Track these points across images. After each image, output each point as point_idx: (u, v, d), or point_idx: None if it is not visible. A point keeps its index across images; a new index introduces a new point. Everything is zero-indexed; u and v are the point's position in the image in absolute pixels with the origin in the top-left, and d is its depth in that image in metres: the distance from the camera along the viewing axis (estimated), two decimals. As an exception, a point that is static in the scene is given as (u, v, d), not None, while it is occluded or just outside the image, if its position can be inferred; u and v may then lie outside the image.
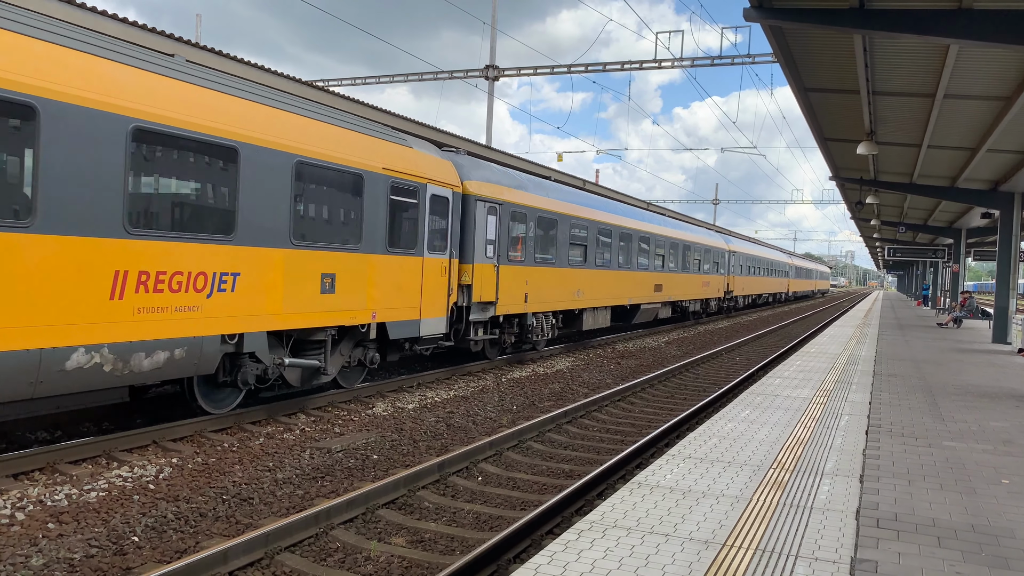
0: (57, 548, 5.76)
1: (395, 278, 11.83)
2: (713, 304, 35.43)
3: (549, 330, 18.06)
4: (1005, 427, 8.68)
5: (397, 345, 12.56)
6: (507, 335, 16.45)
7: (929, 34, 8.73)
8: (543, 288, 17.29)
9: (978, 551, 4.66)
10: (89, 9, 10.23)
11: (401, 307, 12.03)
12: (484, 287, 14.65)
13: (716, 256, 34.92)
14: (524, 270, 16.40)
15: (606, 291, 21.68)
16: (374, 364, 12.08)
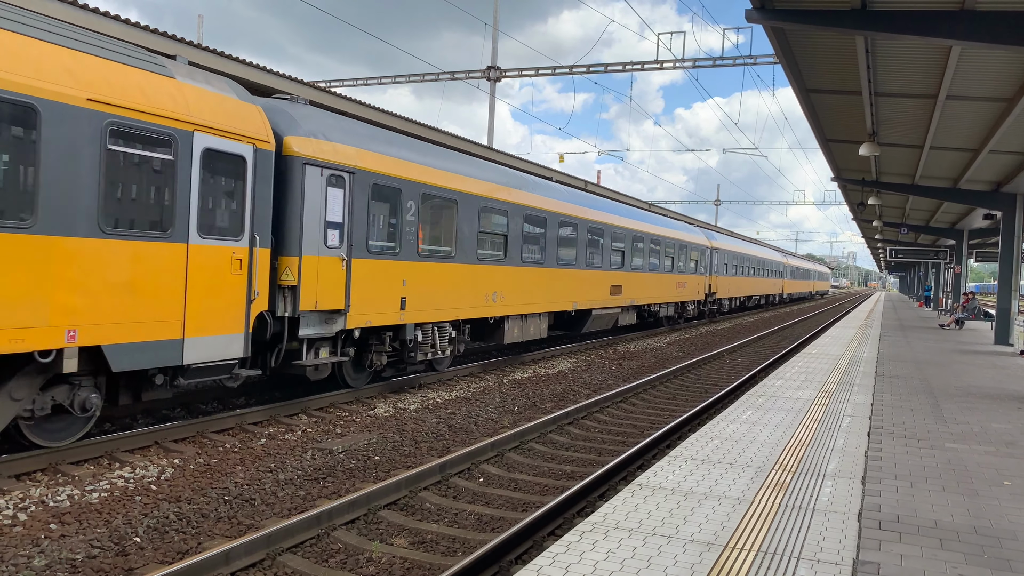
0: (59, 549, 5.77)
1: (124, 275, 7.82)
2: (691, 308, 31.16)
3: (448, 346, 13.99)
4: (1007, 429, 8.67)
5: (139, 381, 8.66)
6: (377, 355, 12.18)
7: (931, 35, 8.72)
8: (434, 290, 13.12)
9: (980, 553, 4.66)
10: (91, 10, 10.25)
11: (140, 320, 7.97)
12: (324, 289, 10.51)
13: (694, 253, 30.82)
14: (400, 266, 12.19)
15: (539, 294, 17.23)
16: (88, 411, 7.97)
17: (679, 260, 28.63)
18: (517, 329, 16.62)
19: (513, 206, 16.05)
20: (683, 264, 29.21)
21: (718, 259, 34.87)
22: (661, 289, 26.48)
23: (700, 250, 31.79)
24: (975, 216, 27.15)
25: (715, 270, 34.40)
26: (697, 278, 31.42)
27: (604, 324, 21.78)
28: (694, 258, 30.89)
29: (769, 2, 9.10)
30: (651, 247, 25.31)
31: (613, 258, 22.06)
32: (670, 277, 27.46)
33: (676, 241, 28.11)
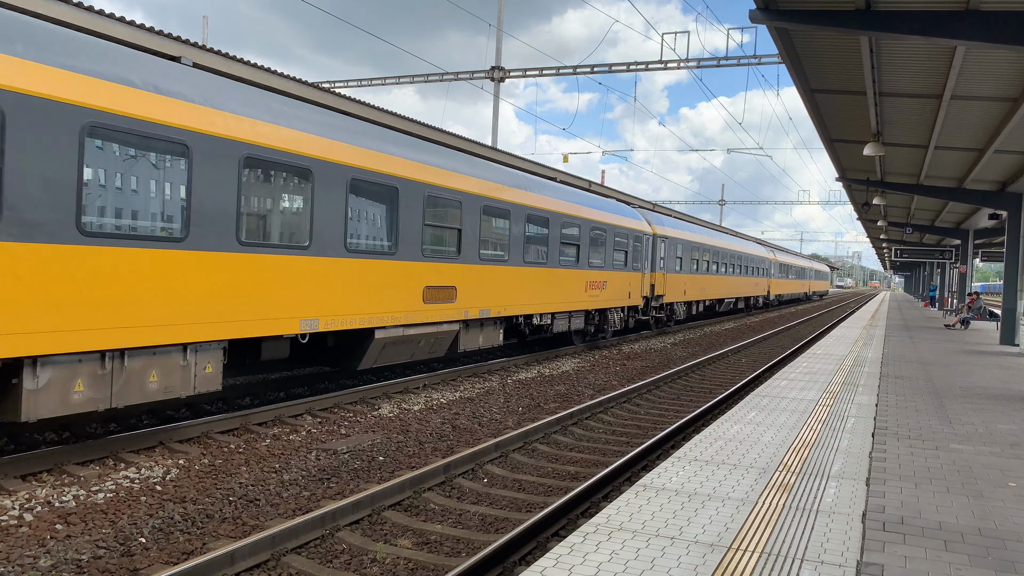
0: (65, 549, 5.79)
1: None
2: (616, 318, 22.08)
3: None
4: (1013, 430, 8.65)
5: None
6: None
7: (936, 35, 8.70)
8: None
9: (985, 555, 4.65)
10: (97, 12, 10.28)
11: None
12: None
13: (624, 242, 21.85)
14: None
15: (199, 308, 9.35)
16: None
17: (595, 252, 19.89)
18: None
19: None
20: (604, 258, 20.59)
21: (667, 251, 26.38)
22: (556, 292, 17.65)
23: (636, 237, 23.20)
24: (980, 216, 27.07)
25: (662, 265, 25.87)
26: (629, 275, 22.65)
27: (406, 356, 12.72)
28: (624, 249, 22.18)
29: (773, 2, 9.09)
30: (527, 228, 16.19)
31: (434, 241, 13.17)
32: (575, 274, 18.67)
33: (587, 222, 19.31)
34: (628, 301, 22.56)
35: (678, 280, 27.71)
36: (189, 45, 11.54)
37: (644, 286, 24.01)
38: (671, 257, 26.82)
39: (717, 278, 33.96)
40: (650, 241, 24.48)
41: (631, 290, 22.72)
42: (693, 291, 29.82)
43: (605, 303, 20.75)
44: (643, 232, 23.82)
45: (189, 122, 8.41)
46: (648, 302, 24.74)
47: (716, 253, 33.73)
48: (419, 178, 12.48)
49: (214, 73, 11.05)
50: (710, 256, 32.58)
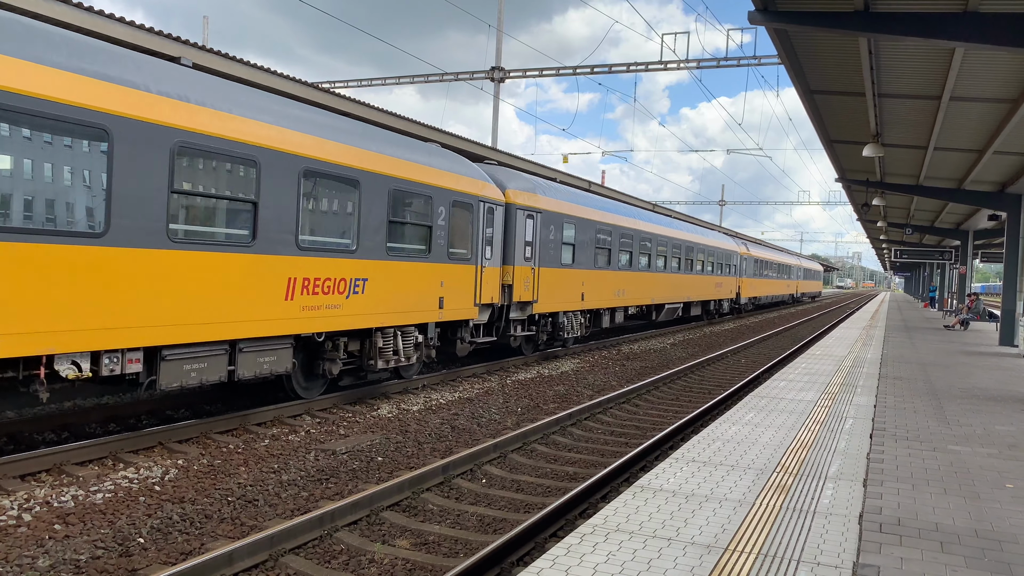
0: (63, 549, 5.80)
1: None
2: (401, 347, 12.45)
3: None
4: (1011, 431, 8.66)
5: None
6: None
7: (934, 37, 8.71)
8: None
9: (981, 556, 4.66)
10: (97, 12, 10.29)
11: None
12: None
13: (425, 209, 12.93)
14: None
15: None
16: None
17: (417, 235, 13.29)
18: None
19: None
20: (350, 233, 13.70)
21: (541, 232, 18.86)
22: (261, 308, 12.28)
23: (462, 203, 16.14)
24: (980, 217, 27.08)
25: (528, 255, 18.06)
26: (441, 270, 16.90)
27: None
28: (423, 221, 15.69)
29: (772, 4, 9.10)
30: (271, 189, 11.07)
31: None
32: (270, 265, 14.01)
33: (403, 186, 12.51)
34: (438, 313, 13.08)
35: (564, 279, 18.24)
36: (189, 45, 11.55)
37: (485, 286, 14.70)
38: (552, 243, 17.51)
39: (649, 276, 24.67)
40: (500, 213, 15.28)
41: (446, 294, 13.30)
42: (600, 294, 20.55)
43: (417, 314, 12.66)
44: (484, 199, 14.50)
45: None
46: (502, 312, 15.82)
47: (645, 241, 24.17)
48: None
49: (214, 73, 11.05)
50: (633, 244, 23.04)
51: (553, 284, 17.58)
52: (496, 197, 15.12)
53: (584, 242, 19.48)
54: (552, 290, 17.52)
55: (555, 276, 17.73)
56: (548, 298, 17.32)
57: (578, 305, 19.17)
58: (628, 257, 22.97)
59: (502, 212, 15.42)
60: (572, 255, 18.80)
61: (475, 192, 14.29)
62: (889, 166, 20.15)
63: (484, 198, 14.57)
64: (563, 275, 18.23)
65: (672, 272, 27.44)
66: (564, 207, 18.30)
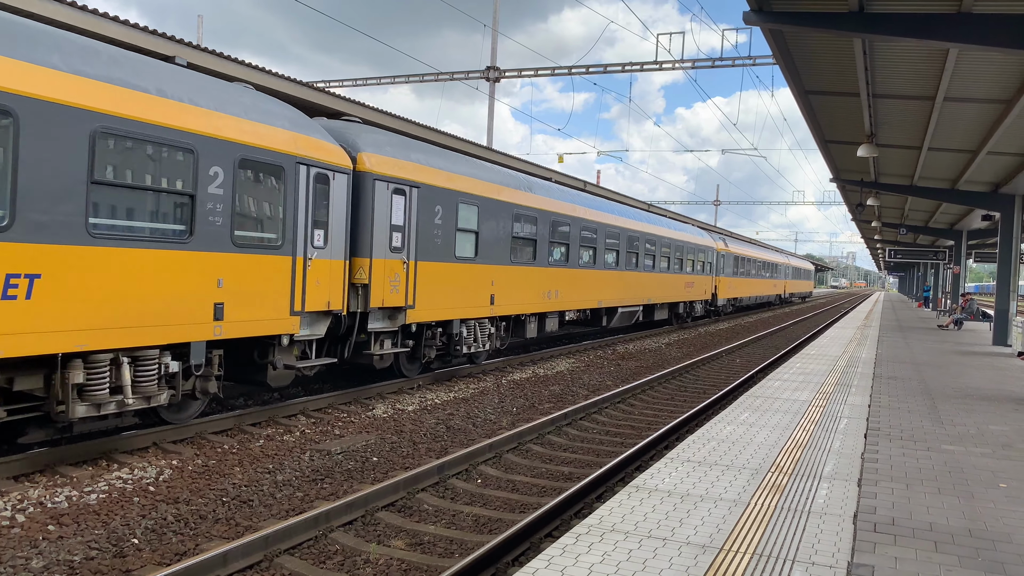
0: (57, 550, 5.78)
1: None
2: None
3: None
4: (1004, 431, 8.69)
5: None
6: None
7: (928, 38, 8.74)
8: None
9: (975, 556, 4.67)
10: (91, 11, 10.25)
11: None
12: None
13: (278, 184, 9.91)
14: None
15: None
16: None
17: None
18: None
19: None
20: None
21: (406, 211, 14.70)
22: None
23: (211, 152, 11.28)
24: (974, 217, 27.19)
25: (371, 244, 13.40)
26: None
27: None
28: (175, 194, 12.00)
29: (767, 4, 9.12)
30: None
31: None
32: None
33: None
34: (213, 328, 9.00)
35: (461, 278, 14.02)
36: (184, 45, 11.52)
37: (315, 287, 10.46)
38: (439, 229, 13.23)
39: (595, 275, 20.68)
40: (342, 184, 10.94)
41: (230, 298, 9.21)
42: (519, 296, 16.24)
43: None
44: (308, 160, 10.28)
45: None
46: (360, 322, 11.60)
47: (588, 232, 19.95)
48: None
49: (211, 73, 11.02)
50: (571, 235, 18.88)
51: (441, 284, 13.27)
52: (333, 160, 10.62)
53: (494, 230, 15.15)
54: (439, 292, 13.23)
55: (444, 273, 13.34)
56: (432, 302, 13.06)
57: (484, 311, 14.86)
58: (564, 251, 18.74)
59: (345, 183, 10.90)
60: (475, 246, 14.49)
61: (288, 149, 9.87)
62: (883, 166, 20.21)
63: (307, 159, 10.16)
64: (458, 272, 13.84)
65: (628, 270, 23.23)
66: (460, 182, 13.92)
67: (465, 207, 14.13)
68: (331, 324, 11.09)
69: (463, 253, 14.12)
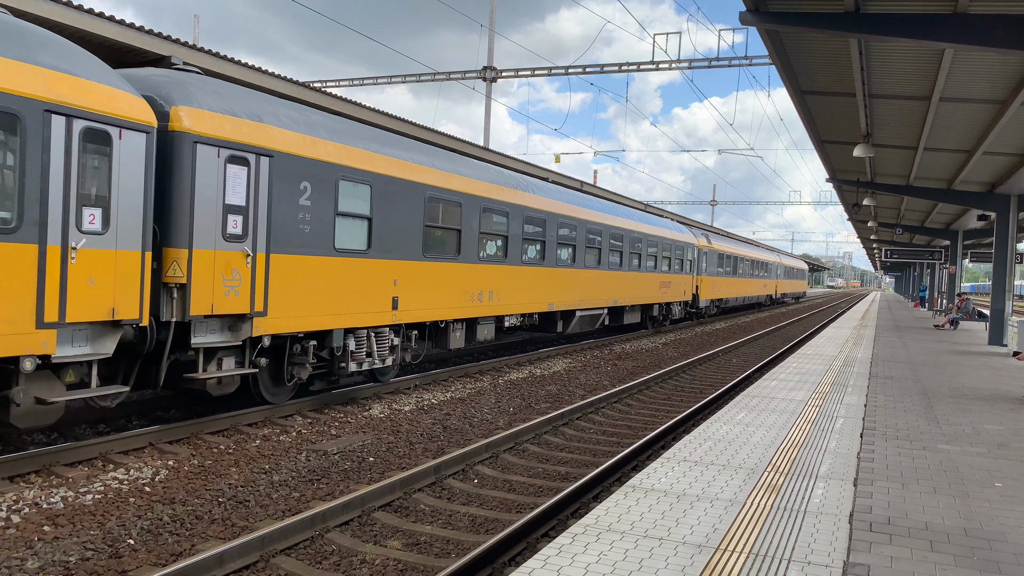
0: (53, 551, 5.77)
1: None
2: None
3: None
4: (999, 430, 8.71)
5: None
6: None
7: (924, 38, 8.76)
8: None
9: (970, 555, 4.68)
10: (86, 11, 10.23)
11: None
12: None
13: (11, 140, 6.98)
14: None
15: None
16: None
17: None
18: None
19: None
20: None
21: (258, 179, 11.39)
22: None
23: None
24: (970, 217, 27.24)
25: (250, 229, 10.69)
26: None
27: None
28: None
29: (763, 4, 9.13)
30: None
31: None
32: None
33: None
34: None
35: (343, 276, 11.12)
36: (179, 44, 11.50)
37: (87, 288, 7.69)
38: (307, 212, 10.40)
39: (543, 273, 17.61)
40: (139, 146, 8.20)
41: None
42: (434, 298, 13.31)
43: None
44: (66, 107, 7.42)
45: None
46: (181, 334, 9.00)
47: (534, 223, 17.12)
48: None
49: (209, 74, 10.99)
50: (509, 225, 15.90)
51: (311, 283, 10.32)
52: (120, 112, 7.90)
53: (397, 217, 12.13)
54: (309, 294, 10.31)
55: (316, 270, 10.39)
56: (297, 307, 10.11)
57: (383, 317, 11.90)
58: (500, 245, 15.78)
59: (143, 144, 8.19)
60: (367, 236, 11.51)
61: (27, 90, 7.07)
62: (879, 166, 20.24)
63: (67, 107, 7.41)
64: (340, 269, 10.84)
65: (588, 268, 20.26)
66: (341, 154, 10.86)
67: (350, 186, 11.09)
68: (132, 338, 8.35)
69: (348, 244, 11.08)
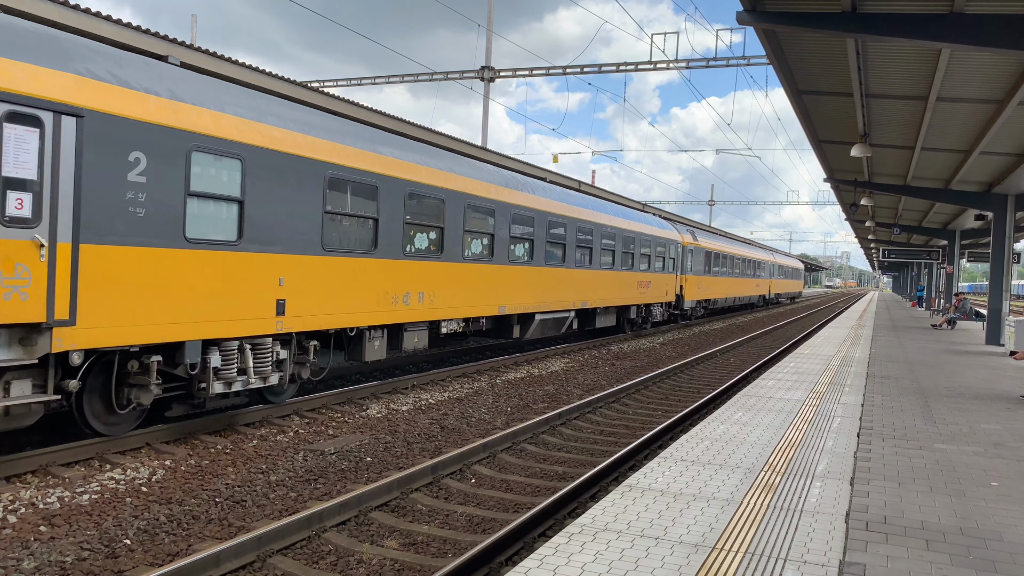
0: (49, 551, 5.76)
1: None
2: None
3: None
4: (996, 429, 8.73)
5: None
6: None
7: (921, 38, 8.77)
8: None
9: (966, 554, 4.69)
10: (83, 11, 10.22)
11: None
12: None
13: None
14: None
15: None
16: None
17: None
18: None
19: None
20: None
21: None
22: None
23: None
24: (967, 217, 27.28)
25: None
26: None
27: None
28: None
29: (760, 4, 9.14)
30: None
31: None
32: None
33: None
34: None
35: (199, 271, 8.81)
36: (177, 44, 11.49)
37: None
38: (141, 191, 8.02)
39: (491, 270, 15.08)
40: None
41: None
42: (339, 300, 10.93)
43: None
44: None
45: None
46: None
47: (481, 212, 14.69)
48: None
49: (206, 73, 10.99)
50: (445, 214, 13.44)
51: (148, 282, 8.16)
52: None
53: (283, 201, 9.81)
54: (145, 295, 8.11)
55: (155, 266, 8.23)
56: (124, 313, 7.90)
57: (263, 325, 9.62)
58: (435, 237, 13.20)
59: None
60: (237, 224, 9.24)
61: None
62: (877, 166, 20.26)
63: None
64: (192, 264, 8.69)
65: (550, 265, 17.43)
66: (190, 117, 8.56)
67: (210, 159, 8.83)
68: None
69: (206, 234, 8.87)
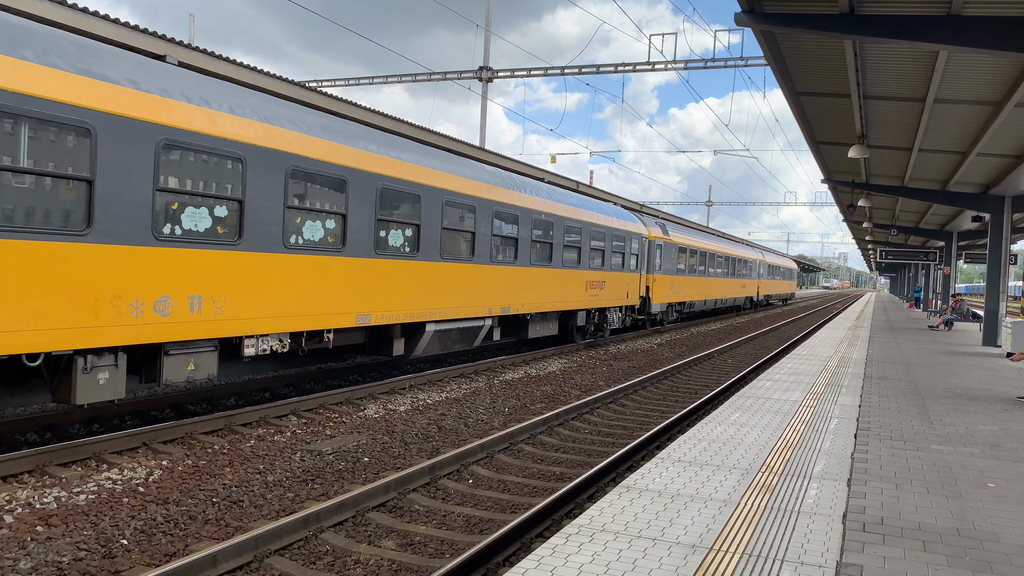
0: (46, 551, 5.75)
1: None
2: None
3: None
4: (993, 430, 8.74)
5: None
6: None
7: (918, 40, 8.78)
8: None
9: (962, 555, 4.70)
10: (81, 10, 10.20)
11: None
12: None
13: None
14: None
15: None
16: None
17: None
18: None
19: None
20: None
21: None
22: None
23: None
24: (964, 218, 27.33)
25: None
26: None
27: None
28: None
29: (758, 6, 9.15)
30: None
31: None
32: None
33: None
34: None
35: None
36: (175, 44, 11.48)
37: None
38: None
39: (318, 265, 10.56)
40: None
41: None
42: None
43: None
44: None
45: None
46: None
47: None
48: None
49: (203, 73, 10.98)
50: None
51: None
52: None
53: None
54: None
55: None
56: None
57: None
58: (229, 212, 9.31)
59: None
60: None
61: None
62: (874, 167, 20.30)
63: None
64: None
65: (447, 261, 13.66)
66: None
67: None
68: None
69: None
